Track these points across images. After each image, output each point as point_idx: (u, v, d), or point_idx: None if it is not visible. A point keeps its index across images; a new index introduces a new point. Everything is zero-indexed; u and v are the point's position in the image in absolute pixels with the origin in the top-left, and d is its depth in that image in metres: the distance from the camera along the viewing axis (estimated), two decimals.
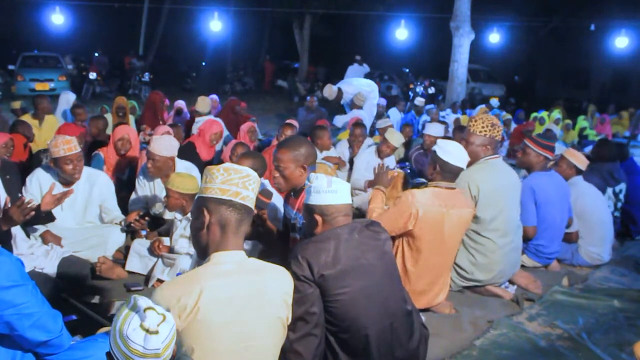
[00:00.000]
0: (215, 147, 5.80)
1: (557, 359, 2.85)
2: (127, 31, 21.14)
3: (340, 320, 2.11)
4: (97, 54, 19.00)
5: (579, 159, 4.29)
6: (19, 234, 3.35)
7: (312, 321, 2.05)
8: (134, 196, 4.27)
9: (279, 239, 2.95)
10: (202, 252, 1.87)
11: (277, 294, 1.87)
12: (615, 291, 3.74)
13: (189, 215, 3.35)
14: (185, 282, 1.73)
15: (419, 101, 10.20)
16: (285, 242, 2.90)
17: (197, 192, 1.98)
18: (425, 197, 3.04)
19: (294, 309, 1.97)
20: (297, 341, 2.03)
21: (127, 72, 17.36)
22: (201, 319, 1.68)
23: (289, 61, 23.44)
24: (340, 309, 2.09)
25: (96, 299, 3.27)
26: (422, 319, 2.47)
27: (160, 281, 3.39)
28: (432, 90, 16.16)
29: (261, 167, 3.69)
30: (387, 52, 20.87)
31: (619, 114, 12.80)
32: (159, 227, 4.01)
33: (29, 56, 16.09)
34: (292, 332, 2.01)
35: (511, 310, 3.42)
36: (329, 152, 5.72)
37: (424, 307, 3.18)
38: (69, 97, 7.90)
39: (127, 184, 4.70)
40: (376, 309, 2.15)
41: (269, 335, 1.85)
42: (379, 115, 9.05)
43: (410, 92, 15.95)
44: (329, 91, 8.55)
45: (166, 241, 3.60)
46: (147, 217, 3.78)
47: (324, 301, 2.09)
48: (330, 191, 2.21)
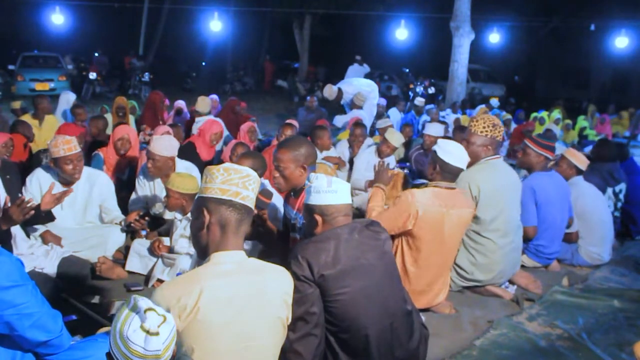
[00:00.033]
0: (215, 147, 5.81)
1: (557, 359, 2.85)
2: (127, 31, 21.14)
3: (340, 320, 2.11)
4: (97, 54, 19.00)
5: (580, 159, 4.29)
6: (19, 234, 3.35)
7: (312, 321, 2.05)
8: (134, 196, 4.27)
9: (279, 239, 2.95)
10: (202, 252, 1.87)
11: (277, 294, 1.87)
12: (615, 291, 3.74)
13: (189, 215, 3.35)
14: (185, 282, 1.73)
15: (419, 101, 10.21)
16: (285, 242, 2.90)
17: (197, 192, 1.98)
18: (425, 197, 3.04)
19: (294, 309, 1.97)
20: (297, 341, 2.03)
21: (127, 72, 17.36)
22: (201, 319, 1.68)
23: (289, 61, 23.42)
24: (340, 309, 2.09)
25: (96, 299, 3.27)
26: (422, 319, 2.47)
27: (160, 281, 3.39)
28: (432, 90, 16.16)
29: (261, 167, 3.69)
30: (387, 52, 20.86)
31: (619, 114, 12.80)
32: (159, 227, 4.01)
33: (29, 56, 16.09)
34: (292, 332, 2.01)
35: (511, 310, 3.42)
36: (329, 152, 5.72)
37: (424, 307, 3.18)
38: (69, 97, 7.90)
39: (127, 184, 4.71)
40: (376, 309, 2.15)
41: (269, 335, 1.85)
42: (379, 115, 9.04)
43: (410, 92, 15.96)
44: (329, 91, 8.54)
45: (166, 241, 3.60)
46: (147, 217, 3.78)
47: (324, 301, 2.09)
48: (330, 191, 2.21)
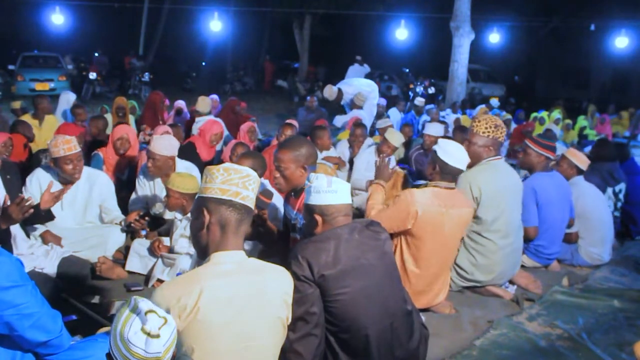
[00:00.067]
0: (215, 147, 5.81)
1: (557, 359, 2.85)
2: (127, 31, 21.14)
3: (340, 320, 2.11)
4: (97, 54, 19.00)
5: (580, 159, 4.29)
6: (18, 234, 3.35)
7: (312, 321, 2.05)
8: (134, 196, 4.27)
9: (279, 239, 2.95)
10: (202, 252, 1.87)
11: (277, 294, 1.87)
12: (615, 291, 3.74)
13: (189, 215, 3.35)
14: (185, 282, 1.73)
15: (419, 101, 10.20)
16: (285, 242, 2.90)
17: (197, 192, 1.98)
18: (424, 196, 3.04)
19: (294, 309, 1.97)
20: (297, 341, 2.03)
21: (127, 72, 17.36)
22: (201, 319, 1.68)
23: (289, 61, 23.42)
24: (340, 309, 2.09)
25: (96, 299, 3.27)
26: (422, 319, 2.47)
27: (160, 281, 3.39)
28: (432, 90, 16.17)
29: (261, 167, 3.69)
30: (387, 52, 20.86)
31: (619, 114, 12.80)
32: (159, 227, 4.01)
33: (29, 56, 16.08)
34: (292, 332, 2.01)
35: (511, 310, 3.42)
36: (329, 152, 5.72)
37: (424, 307, 3.18)
38: (69, 97, 7.90)
39: (127, 184, 4.71)
40: (376, 309, 2.15)
41: (269, 335, 1.85)
42: (379, 115, 9.04)
43: (410, 92, 15.96)
44: (329, 92, 8.54)
45: (166, 241, 3.60)
46: (147, 217, 3.78)
47: (324, 301, 2.08)
48: (330, 191, 2.21)
